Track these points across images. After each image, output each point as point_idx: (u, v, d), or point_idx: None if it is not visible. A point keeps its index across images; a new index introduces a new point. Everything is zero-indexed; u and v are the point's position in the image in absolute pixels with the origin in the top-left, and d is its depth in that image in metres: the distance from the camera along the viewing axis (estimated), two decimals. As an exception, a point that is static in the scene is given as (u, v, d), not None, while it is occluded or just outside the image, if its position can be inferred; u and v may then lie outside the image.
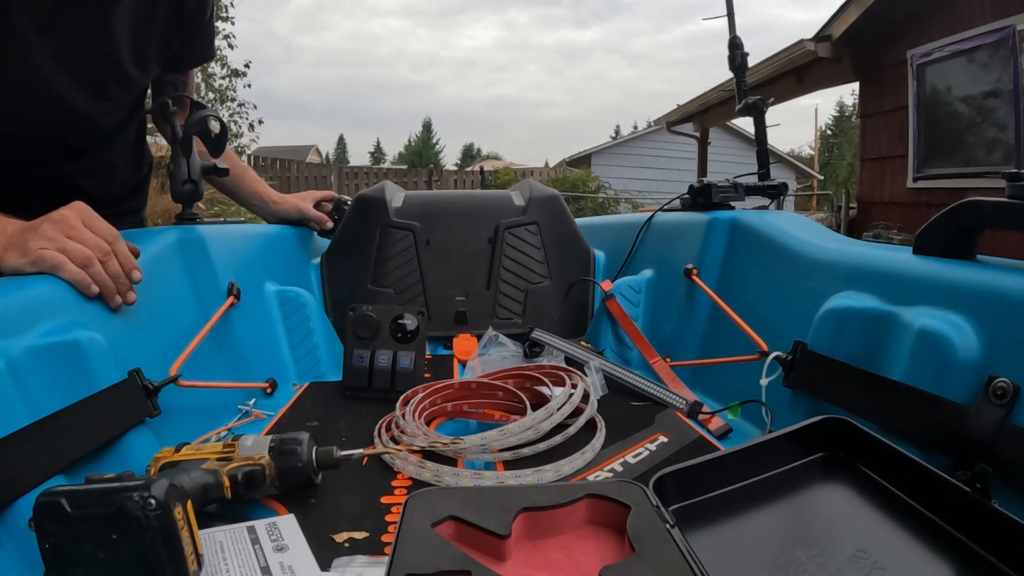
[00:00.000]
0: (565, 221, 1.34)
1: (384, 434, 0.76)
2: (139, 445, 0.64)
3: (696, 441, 0.75)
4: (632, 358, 1.08)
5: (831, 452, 0.55)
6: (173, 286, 0.85)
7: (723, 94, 6.17)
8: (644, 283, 1.17)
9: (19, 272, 0.64)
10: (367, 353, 0.93)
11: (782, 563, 0.45)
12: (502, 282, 1.26)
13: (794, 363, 0.73)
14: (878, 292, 0.68)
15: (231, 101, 7.37)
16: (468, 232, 1.29)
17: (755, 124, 1.20)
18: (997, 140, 3.90)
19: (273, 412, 0.86)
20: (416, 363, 0.93)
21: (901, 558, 0.45)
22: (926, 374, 0.57)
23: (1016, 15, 3.63)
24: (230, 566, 0.49)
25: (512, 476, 0.64)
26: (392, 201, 1.31)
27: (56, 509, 0.43)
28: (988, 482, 0.49)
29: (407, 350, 0.94)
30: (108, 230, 0.69)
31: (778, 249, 0.89)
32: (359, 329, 0.95)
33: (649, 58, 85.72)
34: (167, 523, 0.43)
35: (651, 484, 0.50)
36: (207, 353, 0.83)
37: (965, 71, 4.06)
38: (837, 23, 4.79)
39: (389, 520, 0.58)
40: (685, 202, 1.18)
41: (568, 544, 0.49)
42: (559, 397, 0.77)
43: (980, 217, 0.62)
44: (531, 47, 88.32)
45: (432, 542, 0.45)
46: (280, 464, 0.60)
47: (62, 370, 0.58)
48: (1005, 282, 0.55)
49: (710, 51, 64.91)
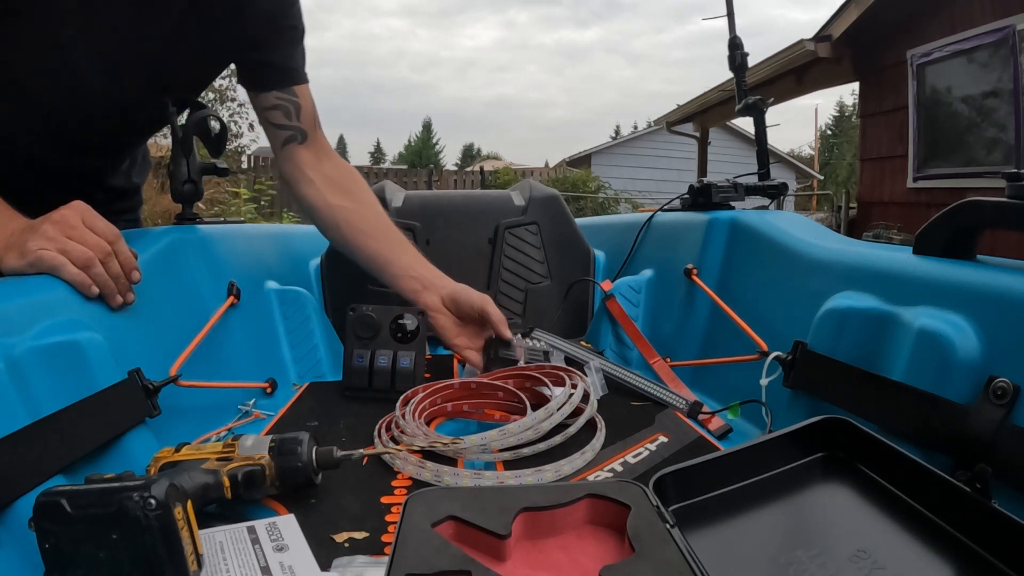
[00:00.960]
0: (565, 221, 1.34)
1: (384, 434, 0.76)
2: (139, 445, 0.64)
3: (696, 441, 0.75)
4: (632, 358, 1.08)
5: (831, 452, 0.55)
6: (173, 286, 0.85)
7: (723, 94, 6.17)
8: (644, 283, 1.17)
9: (18, 273, 0.64)
10: (367, 353, 0.93)
11: (782, 563, 0.45)
12: (502, 282, 1.26)
13: (794, 363, 0.73)
14: (878, 292, 0.68)
15: (231, 101, 7.38)
16: (468, 232, 1.29)
17: (755, 124, 1.20)
18: (997, 140, 3.90)
19: (273, 412, 0.86)
20: (416, 363, 0.93)
21: (901, 558, 0.45)
22: (926, 374, 0.57)
23: (1016, 15, 3.63)
24: (230, 566, 0.49)
25: (512, 476, 0.64)
26: (392, 201, 1.31)
27: (56, 509, 0.43)
28: (988, 482, 0.49)
29: (407, 350, 0.94)
30: (109, 229, 0.69)
31: (778, 249, 0.89)
32: (359, 329, 0.95)
33: (649, 58, 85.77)
34: (167, 523, 0.43)
35: (651, 484, 0.50)
36: (207, 353, 0.83)
37: (965, 71, 4.06)
38: (837, 23, 4.80)
39: (389, 520, 0.58)
40: (685, 202, 1.18)
41: (568, 544, 0.49)
42: (559, 397, 0.77)
43: (980, 217, 0.62)
44: (531, 47, 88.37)
45: (432, 542, 0.45)
46: (280, 464, 0.60)
47: (62, 370, 0.58)
48: (1005, 282, 0.55)
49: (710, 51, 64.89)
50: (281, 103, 0.94)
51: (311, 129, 0.98)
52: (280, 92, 0.94)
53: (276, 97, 0.94)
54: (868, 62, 4.91)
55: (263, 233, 1.20)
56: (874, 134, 5.05)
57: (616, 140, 16.09)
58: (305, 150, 0.98)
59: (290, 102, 0.95)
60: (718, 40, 1.44)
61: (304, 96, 0.96)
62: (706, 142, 7.57)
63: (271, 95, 0.93)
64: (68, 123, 0.86)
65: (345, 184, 1.00)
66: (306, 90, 0.96)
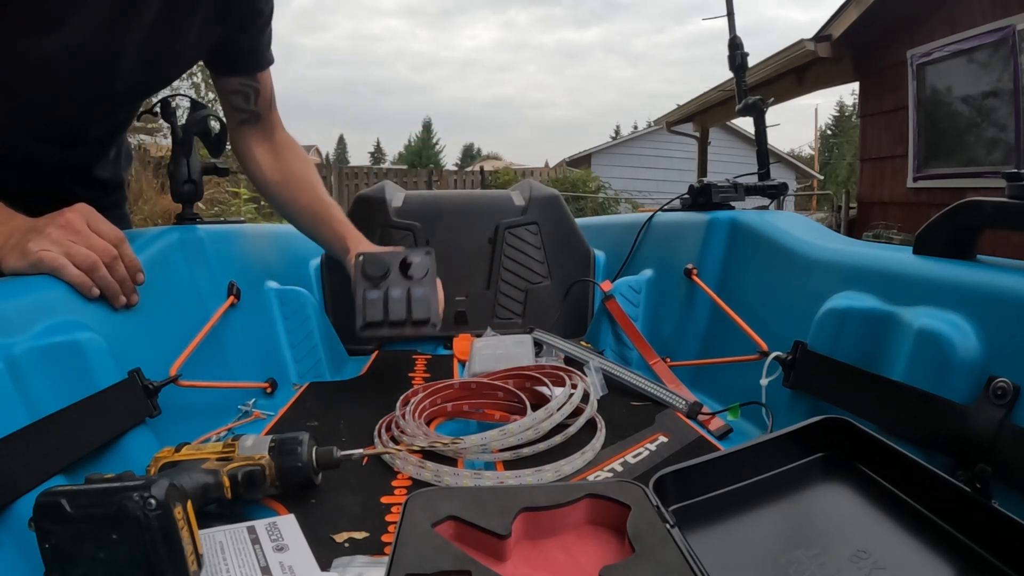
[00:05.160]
0: (565, 221, 1.34)
1: (384, 434, 0.76)
2: (139, 445, 0.64)
3: (696, 441, 0.75)
4: (632, 358, 1.08)
5: (831, 452, 0.55)
6: (173, 286, 0.85)
7: (723, 94, 6.16)
8: (644, 283, 1.17)
9: (18, 274, 0.64)
10: (380, 294, 0.89)
11: (782, 563, 0.45)
12: (502, 282, 1.26)
13: (794, 363, 0.73)
14: (878, 292, 0.68)
15: (231, 101, 7.36)
16: (468, 232, 1.29)
17: (755, 124, 1.20)
18: (997, 140, 3.90)
19: (273, 412, 0.86)
20: (429, 294, 0.89)
21: (901, 558, 0.45)
22: (926, 374, 0.57)
23: (1016, 15, 3.63)
24: (230, 566, 0.49)
25: (512, 476, 0.64)
26: (392, 201, 1.31)
27: (56, 509, 0.43)
28: (988, 482, 0.49)
29: (419, 286, 0.91)
30: (113, 232, 0.69)
31: (778, 249, 0.89)
32: (368, 268, 0.91)
33: (649, 58, 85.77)
34: (167, 523, 0.43)
35: (651, 484, 0.50)
36: (207, 353, 0.83)
37: (965, 71, 4.06)
38: (837, 23, 4.79)
39: (389, 520, 0.58)
40: (685, 202, 1.18)
41: (568, 544, 0.49)
42: (559, 397, 0.77)
43: (980, 217, 0.62)
44: (531, 47, 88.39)
45: (432, 542, 0.45)
46: (280, 464, 0.60)
47: (62, 370, 0.58)
48: (1005, 282, 0.55)
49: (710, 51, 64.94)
50: (242, 88, 0.98)
51: (266, 112, 1.02)
52: (243, 78, 0.97)
53: (239, 83, 0.97)
54: (868, 62, 4.91)
55: (263, 233, 1.20)
56: (874, 134, 5.05)
57: (616, 140, 16.08)
58: (257, 131, 1.03)
59: (251, 87, 0.98)
60: (718, 40, 1.44)
61: (264, 81, 1.00)
62: (706, 142, 7.57)
63: (235, 80, 0.97)
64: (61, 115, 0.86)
65: (282, 162, 1.05)
66: (266, 74, 1.00)
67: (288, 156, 1.05)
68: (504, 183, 9.66)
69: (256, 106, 1.00)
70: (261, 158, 1.03)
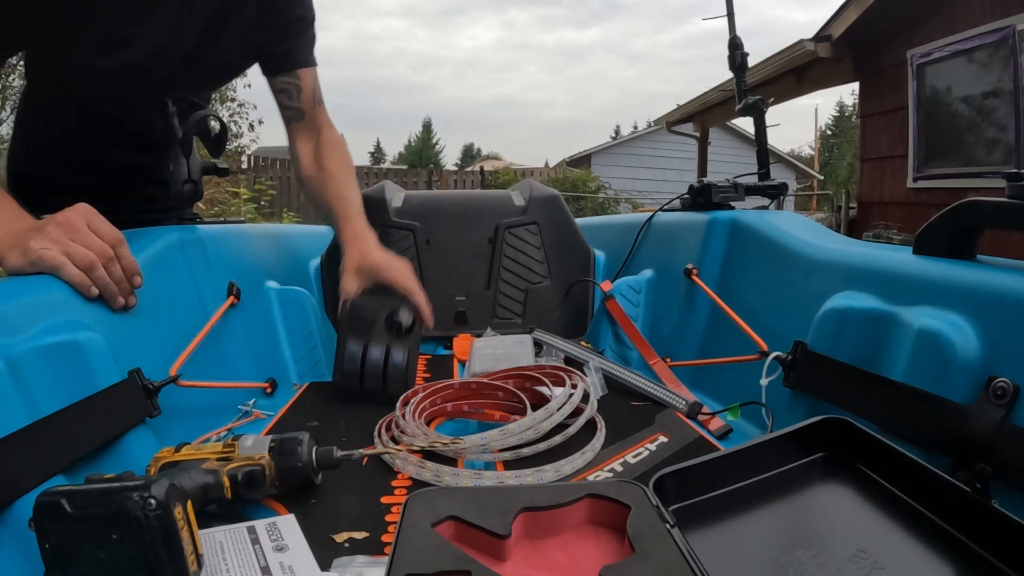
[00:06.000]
0: (565, 221, 1.34)
1: (384, 434, 0.76)
2: (139, 445, 0.64)
3: (696, 441, 0.75)
4: (632, 358, 1.08)
5: (831, 452, 0.55)
6: (173, 286, 0.85)
7: (723, 94, 6.16)
8: (644, 283, 1.17)
9: (19, 272, 0.64)
10: (359, 348, 0.91)
11: (782, 563, 0.45)
12: (502, 282, 1.26)
13: (794, 363, 0.73)
14: (878, 292, 0.68)
15: (231, 101, 7.37)
16: (468, 232, 1.29)
17: (755, 124, 1.20)
18: (997, 140, 3.90)
19: (273, 412, 0.86)
20: (408, 360, 0.91)
21: (901, 558, 0.45)
22: (926, 374, 0.57)
23: (1016, 15, 3.63)
24: (230, 566, 0.49)
25: (512, 476, 0.64)
26: (392, 201, 1.31)
27: (56, 509, 0.43)
28: (988, 482, 0.49)
29: (400, 346, 0.92)
30: (112, 233, 0.69)
31: (778, 249, 0.89)
32: (355, 319, 0.93)
33: (649, 58, 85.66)
34: (167, 523, 0.43)
35: (651, 484, 0.50)
36: (207, 353, 0.83)
37: (965, 71, 4.06)
38: (837, 23, 4.79)
39: (389, 520, 0.58)
40: (685, 202, 1.18)
41: (568, 544, 0.49)
42: (559, 397, 0.77)
43: (980, 217, 0.62)
44: (531, 47, 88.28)
45: (432, 542, 0.45)
46: (280, 464, 0.60)
47: (62, 370, 0.58)
48: (1005, 282, 0.55)
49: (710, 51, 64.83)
50: (286, 86, 1.04)
51: (309, 108, 1.06)
52: (285, 76, 1.03)
53: (282, 81, 1.04)
54: (868, 62, 4.91)
55: (263, 233, 1.20)
56: (874, 134, 5.05)
57: (616, 140, 16.07)
58: (303, 128, 1.08)
59: (292, 85, 1.04)
60: (718, 40, 1.44)
61: (306, 78, 1.04)
62: (706, 142, 7.56)
63: (278, 79, 1.04)
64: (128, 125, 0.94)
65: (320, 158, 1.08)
66: (309, 72, 1.05)
67: (325, 152, 1.08)
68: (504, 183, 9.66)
69: (299, 102, 1.05)
70: (303, 154, 1.08)
